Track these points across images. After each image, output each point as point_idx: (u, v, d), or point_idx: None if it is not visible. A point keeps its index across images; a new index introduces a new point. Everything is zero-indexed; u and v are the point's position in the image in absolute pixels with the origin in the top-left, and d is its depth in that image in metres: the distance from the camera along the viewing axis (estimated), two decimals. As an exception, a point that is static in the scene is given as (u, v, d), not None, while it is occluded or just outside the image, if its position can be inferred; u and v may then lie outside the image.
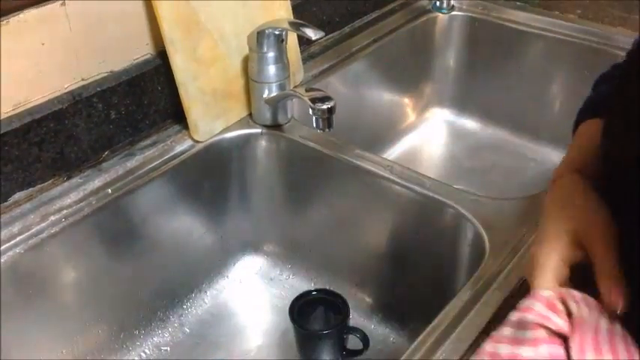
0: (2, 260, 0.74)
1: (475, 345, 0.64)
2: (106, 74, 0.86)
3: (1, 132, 0.75)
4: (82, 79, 0.83)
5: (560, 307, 0.46)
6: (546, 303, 0.47)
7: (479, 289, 0.70)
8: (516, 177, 1.17)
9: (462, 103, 1.30)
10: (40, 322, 0.79)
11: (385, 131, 1.22)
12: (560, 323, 0.45)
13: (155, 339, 0.91)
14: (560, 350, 0.45)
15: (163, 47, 0.87)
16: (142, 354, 0.89)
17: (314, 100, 0.79)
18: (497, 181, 1.16)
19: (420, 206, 0.85)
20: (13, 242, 0.76)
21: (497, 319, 0.66)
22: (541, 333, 0.45)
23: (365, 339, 0.84)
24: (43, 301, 0.79)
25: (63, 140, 0.82)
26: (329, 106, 0.78)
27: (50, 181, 0.83)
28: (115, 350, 0.87)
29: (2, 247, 0.75)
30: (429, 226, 0.85)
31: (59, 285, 0.81)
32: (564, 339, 0.45)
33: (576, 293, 0.47)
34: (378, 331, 0.93)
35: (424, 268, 0.88)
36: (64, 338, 0.82)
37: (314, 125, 0.81)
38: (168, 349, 0.91)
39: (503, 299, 0.68)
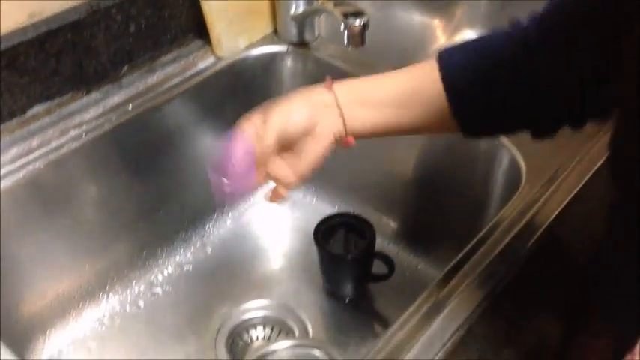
0: (22, 175, 0.72)
1: (501, 282, 0.61)
2: (125, -17, 0.81)
3: (16, 42, 0.72)
4: (101, -12, 0.79)
5: None
6: None
7: (512, 220, 0.67)
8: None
9: (494, 24, 1.24)
10: (62, 237, 0.78)
11: (414, 53, 1.17)
12: None
13: (177, 258, 0.91)
14: None
15: (186, -44, 0.82)
16: (165, 272, 0.89)
17: (346, 15, 0.75)
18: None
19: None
20: (32, 157, 0.74)
21: (531, 254, 0.64)
22: None
23: (390, 264, 0.83)
24: (65, 216, 0.78)
25: (81, 52, 0.79)
26: (362, 22, 0.73)
27: (69, 95, 0.80)
28: (137, 267, 0.87)
29: (22, 161, 0.73)
30: (462, 152, 0.82)
31: (81, 201, 0.80)
32: None
33: None
34: (402, 257, 0.92)
35: (454, 195, 0.86)
36: (86, 253, 0.82)
37: (345, 42, 0.76)
38: (191, 267, 0.90)
39: (540, 232, 0.66)
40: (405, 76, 0.59)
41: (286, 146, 0.58)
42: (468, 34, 1.25)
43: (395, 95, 0.58)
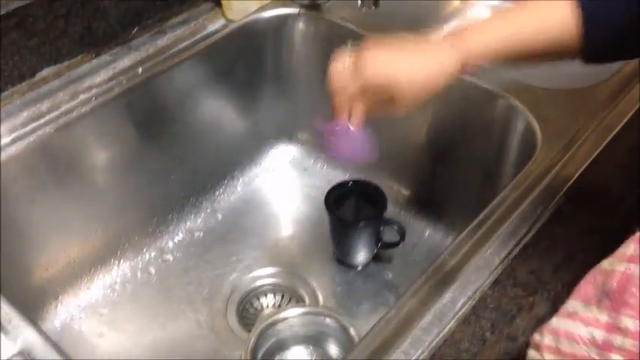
0: (32, 139, 0.72)
1: (516, 249, 0.60)
2: (134, -58, 0.79)
3: (24, 3, 0.71)
4: (109, -53, 0.77)
5: None
6: None
7: (528, 185, 0.66)
8: (566, 68, 1.10)
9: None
10: (73, 202, 0.78)
11: (428, 15, 1.14)
12: None
13: (188, 224, 0.90)
14: None
15: None
16: (176, 238, 0.89)
17: (360, -24, 0.73)
18: (546, 70, 1.09)
19: (467, 96, 0.79)
20: (42, 121, 0.74)
21: (546, 220, 0.63)
22: None
23: (402, 231, 0.82)
24: (76, 181, 0.78)
25: (90, 13, 0.77)
26: (377, -18, 0.71)
27: (79, 58, 0.79)
28: (148, 234, 0.87)
29: (32, 125, 0.72)
30: (476, 118, 0.81)
31: (91, 166, 0.79)
32: None
33: None
34: (413, 224, 0.91)
35: (468, 162, 0.84)
36: (97, 219, 0.81)
37: (359, 3, 0.74)
38: (201, 234, 0.90)
39: (556, 199, 0.64)
40: (535, 8, 0.58)
41: None
42: (484, -3, 1.22)
43: (526, 31, 0.57)
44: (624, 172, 0.73)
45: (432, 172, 0.90)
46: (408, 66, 0.58)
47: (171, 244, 0.88)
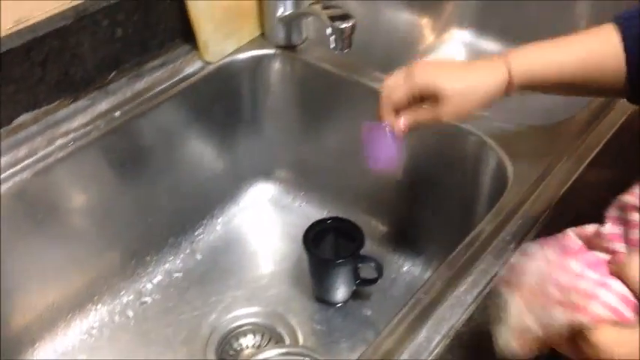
0: (9, 185, 0.72)
1: (495, 280, 0.62)
2: (110, -12, 0.81)
3: (2, 50, 0.71)
4: (86, -6, 0.79)
5: None
6: None
7: (501, 221, 0.67)
8: (538, 103, 1.12)
9: (483, 23, 1.23)
10: (50, 247, 0.78)
11: (402, 53, 1.16)
12: None
13: (167, 265, 0.90)
14: None
15: (171, -40, 0.82)
16: (154, 280, 0.89)
17: (333, 18, 0.74)
18: (520, 105, 1.11)
19: (440, 132, 0.81)
20: (19, 166, 0.74)
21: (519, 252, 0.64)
22: None
23: (379, 268, 0.83)
24: (53, 226, 0.78)
25: (67, 59, 0.78)
26: (349, 25, 0.73)
27: (56, 103, 0.79)
28: (126, 276, 0.87)
29: (10, 172, 0.72)
30: (449, 154, 0.82)
31: (69, 210, 0.79)
32: None
33: None
34: (392, 259, 0.92)
35: (442, 197, 0.86)
36: (74, 264, 0.81)
37: (332, 45, 0.76)
38: (180, 275, 0.90)
39: (525, 232, 0.66)
40: (582, 42, 0.61)
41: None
42: (457, 34, 1.25)
43: (572, 63, 0.61)
44: (594, 205, 0.75)
45: (408, 208, 0.91)
46: (453, 75, 0.62)
47: (149, 286, 0.88)
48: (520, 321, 0.44)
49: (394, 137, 0.64)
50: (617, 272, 0.41)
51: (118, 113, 0.81)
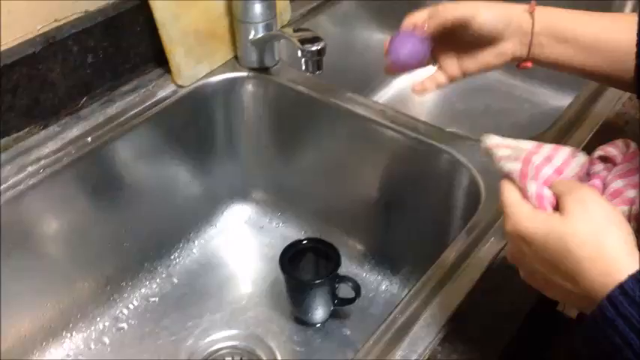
0: (-21, 213, 0.71)
1: (471, 295, 0.62)
2: (80, 14, 0.81)
3: (-29, 78, 0.71)
4: (55, 20, 0.78)
5: None
6: None
7: (474, 237, 0.68)
8: (510, 119, 1.14)
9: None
10: (22, 276, 0.77)
11: (376, 73, 1.17)
12: None
13: (143, 290, 0.89)
14: None
15: (141, -15, 0.82)
16: (130, 305, 0.88)
17: (303, 42, 0.75)
18: (490, 123, 1.13)
19: (414, 151, 0.82)
20: (-11, 195, 0.73)
21: (493, 268, 0.65)
22: None
23: (357, 288, 0.83)
24: (25, 254, 0.76)
25: (37, 86, 0.78)
26: (319, 48, 0.74)
27: (26, 130, 0.79)
28: (102, 303, 0.86)
29: (-22, 200, 0.72)
30: (423, 172, 0.83)
31: (41, 238, 0.78)
32: None
33: None
34: (369, 278, 0.92)
35: (417, 215, 0.86)
36: (48, 291, 0.80)
37: (303, 68, 0.77)
38: (157, 299, 0.89)
39: (500, 248, 0.66)
40: (606, 22, 0.61)
41: (464, 46, 0.65)
42: (430, 53, 1.26)
43: (589, 37, 0.61)
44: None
45: (384, 227, 0.91)
46: (492, 17, 0.62)
47: (126, 311, 0.87)
48: None
49: (417, 36, 0.65)
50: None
51: (89, 139, 0.80)
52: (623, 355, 0.40)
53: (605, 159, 0.50)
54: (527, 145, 0.50)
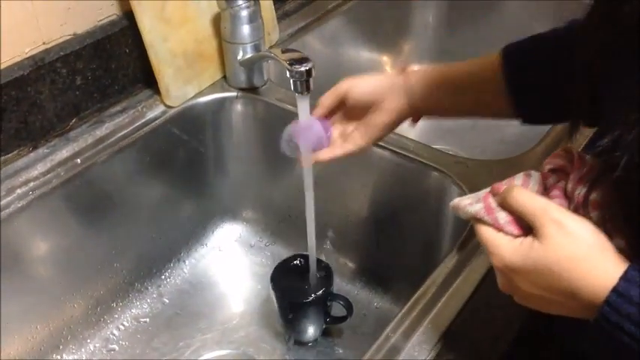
0: (-33, 237, 0.70)
1: (463, 313, 0.62)
2: (69, 37, 0.81)
3: (-41, 101, 0.71)
4: (44, 43, 0.79)
5: None
6: None
7: (465, 254, 0.68)
8: (497, 136, 1.15)
9: (442, 60, 1.26)
10: (12, 298, 0.76)
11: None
12: None
13: (133, 311, 0.89)
14: None
15: (129, 7, 0.82)
16: (121, 326, 0.87)
17: (291, 62, 0.75)
18: (478, 140, 1.13)
19: (403, 169, 0.82)
20: (-22, 218, 0.72)
21: (485, 284, 0.65)
22: None
23: (349, 306, 0.83)
24: (15, 276, 0.76)
25: (26, 109, 0.78)
26: (307, 68, 0.74)
27: (15, 152, 0.79)
28: (92, 324, 0.85)
29: (-33, 224, 0.71)
30: (413, 190, 0.83)
31: (31, 260, 0.78)
32: None
33: None
34: (361, 295, 0.92)
35: (408, 232, 0.86)
36: (38, 314, 0.79)
37: (292, 88, 0.77)
38: (148, 320, 0.89)
39: (491, 265, 0.66)
40: (468, 64, 0.67)
41: (354, 115, 0.70)
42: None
43: (455, 80, 0.67)
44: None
45: (375, 245, 0.91)
46: (367, 85, 0.69)
47: (116, 332, 0.86)
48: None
49: (321, 122, 0.70)
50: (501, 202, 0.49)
51: (79, 160, 0.80)
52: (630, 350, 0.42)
53: (554, 170, 0.52)
54: (485, 190, 0.53)
